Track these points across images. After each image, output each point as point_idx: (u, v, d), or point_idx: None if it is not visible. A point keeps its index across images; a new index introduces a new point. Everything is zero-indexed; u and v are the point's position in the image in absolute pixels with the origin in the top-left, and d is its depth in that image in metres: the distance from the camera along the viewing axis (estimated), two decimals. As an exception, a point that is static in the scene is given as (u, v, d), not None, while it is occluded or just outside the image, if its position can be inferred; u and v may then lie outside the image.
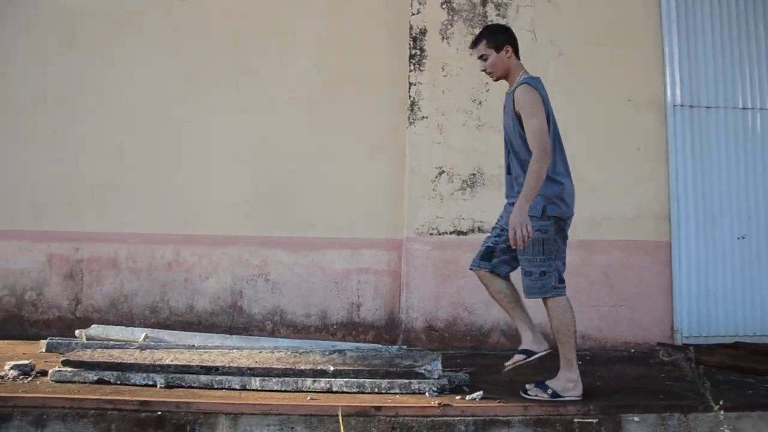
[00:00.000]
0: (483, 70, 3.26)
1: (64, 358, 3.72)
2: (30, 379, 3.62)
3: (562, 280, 3.16)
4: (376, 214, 5.61)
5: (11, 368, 3.71)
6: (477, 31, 5.48)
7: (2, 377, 3.65)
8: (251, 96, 5.75)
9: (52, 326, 5.53)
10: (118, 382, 3.62)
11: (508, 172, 3.28)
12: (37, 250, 5.62)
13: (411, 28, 5.70)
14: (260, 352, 3.91)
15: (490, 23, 3.22)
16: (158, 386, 3.57)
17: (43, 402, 3.27)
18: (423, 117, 5.58)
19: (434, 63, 5.65)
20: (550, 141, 3.04)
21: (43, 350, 3.79)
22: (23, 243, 5.63)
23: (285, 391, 3.58)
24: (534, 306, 3.33)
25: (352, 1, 5.90)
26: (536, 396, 3.23)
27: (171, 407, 3.32)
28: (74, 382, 3.62)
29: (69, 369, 3.69)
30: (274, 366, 3.69)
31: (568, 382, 3.18)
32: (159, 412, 3.29)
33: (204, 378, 3.66)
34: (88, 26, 5.89)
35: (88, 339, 3.97)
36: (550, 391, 3.20)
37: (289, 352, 3.89)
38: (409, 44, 5.67)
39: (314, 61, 5.80)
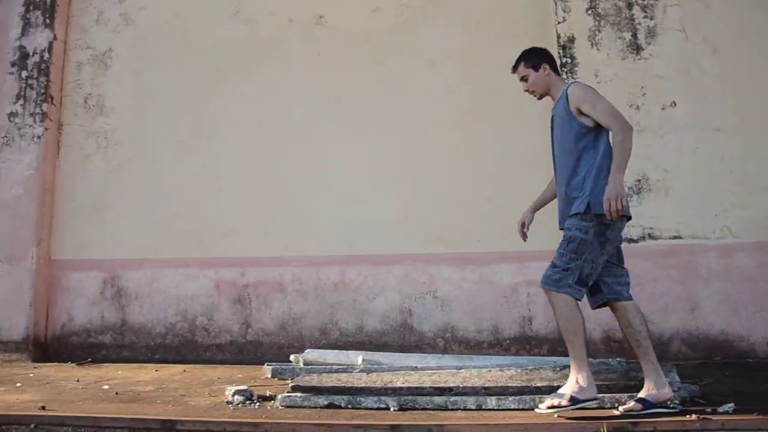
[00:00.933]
0: (526, 90, 3.42)
1: (293, 384, 3.76)
2: (257, 404, 3.66)
3: (580, 281, 3.09)
4: (539, 225, 5.56)
5: (234, 394, 3.77)
6: (625, 35, 5.50)
7: (229, 403, 3.71)
8: (398, 115, 5.78)
9: (225, 350, 5.63)
10: (350, 406, 3.63)
11: (559, 188, 3.34)
12: (204, 276, 5.73)
13: (558, 36, 5.67)
14: (489, 371, 3.90)
15: (533, 47, 3.57)
16: (391, 409, 3.57)
17: (292, 428, 3.31)
18: (580, 126, 5.52)
19: (586, 70, 5.60)
20: (604, 148, 3.15)
21: (268, 376, 3.85)
22: (191, 270, 5.76)
23: (522, 409, 3.54)
24: None
25: (493, 15, 5.90)
26: (556, 407, 3.08)
27: (422, 430, 3.32)
28: (304, 407, 3.64)
29: (299, 394, 3.73)
30: (508, 384, 3.67)
31: (577, 384, 3.09)
32: (411, 436, 3.29)
33: (438, 399, 3.65)
34: (234, 55, 6.03)
35: (305, 364, 4.03)
36: (566, 398, 3.08)
37: (518, 370, 3.87)
38: (558, 53, 5.64)
39: (459, 78, 5.81)
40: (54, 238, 6.00)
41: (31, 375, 4.85)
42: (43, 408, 3.49)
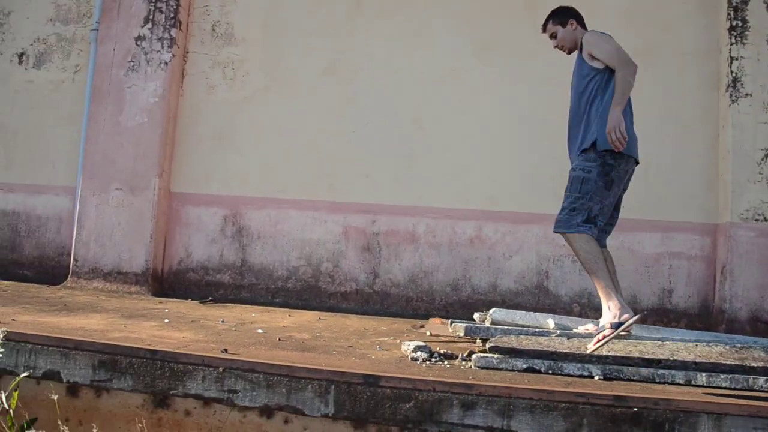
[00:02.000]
0: (556, 47, 3.55)
1: (491, 344, 3.53)
2: (445, 363, 3.43)
3: (589, 221, 3.18)
4: (689, 197, 5.29)
5: (415, 350, 3.54)
6: (807, -5, 5.11)
7: (414, 359, 3.48)
8: (550, 66, 5.43)
9: (350, 299, 5.42)
10: (550, 372, 3.40)
11: (571, 129, 3.45)
12: (332, 221, 5.50)
13: (729, -4, 5.30)
14: (696, 345, 3.65)
15: (561, 5, 3.60)
16: (595, 377, 3.35)
17: (508, 392, 3.08)
18: (746, 94, 5.19)
19: (758, 35, 5.24)
20: (612, 91, 3.22)
21: (461, 334, 3.61)
22: (318, 214, 5.52)
23: (734, 388, 3.31)
24: None
25: (656, -31, 5.51)
26: (602, 340, 3.06)
27: (648, 404, 3.08)
28: (501, 369, 3.42)
29: (495, 355, 3.51)
30: (719, 361, 3.42)
31: (615, 311, 3.14)
32: (635, 409, 3.07)
33: (644, 371, 3.41)
34: (374, -8, 5.70)
35: (492, 323, 3.79)
36: (607, 328, 3.11)
37: (727, 347, 3.62)
38: (728, 15, 5.27)
39: (617, 34, 5.43)
40: (174, 170, 5.77)
41: (167, 310, 4.65)
42: (226, 351, 3.28)
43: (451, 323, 3.75)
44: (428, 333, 4.28)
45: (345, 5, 5.68)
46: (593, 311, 5.20)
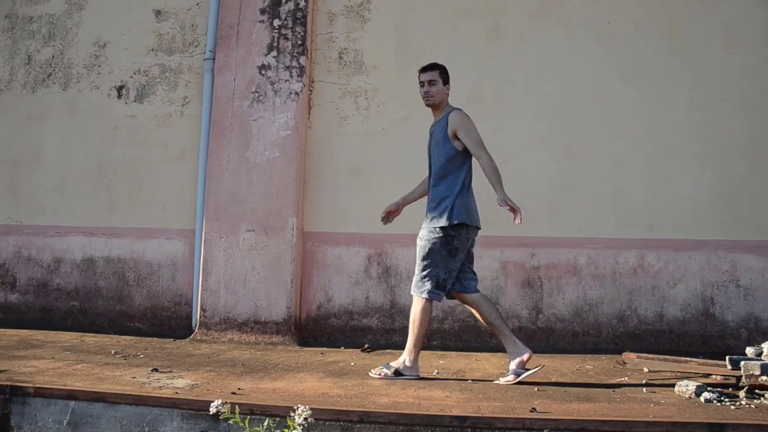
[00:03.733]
0: (425, 92, 3.75)
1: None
2: (742, 402, 3.22)
3: (439, 287, 3.61)
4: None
5: (698, 390, 3.32)
6: None
7: (708, 400, 3.24)
8: (694, 92, 5.39)
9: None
10: None
11: (429, 189, 3.78)
12: (488, 256, 5.21)
13: None
14: None
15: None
16: None
17: None
18: None
19: None
20: (467, 171, 3.70)
21: (756, 372, 3.39)
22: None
23: None
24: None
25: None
26: (380, 374, 3.65)
27: None
28: None
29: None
30: None
31: (406, 364, 3.66)
32: None
33: None
34: (511, 16, 5.51)
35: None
36: (392, 370, 3.65)
37: None
38: None
39: (763, 55, 5.45)
40: (307, 208, 5.36)
41: (352, 364, 4.26)
42: (534, 410, 2.98)
43: (730, 359, 3.55)
44: (646, 370, 4.06)
45: (483, 29, 5.47)
46: (761, 335, 5.08)
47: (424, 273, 3.60)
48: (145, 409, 3.12)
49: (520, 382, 3.53)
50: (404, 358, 3.68)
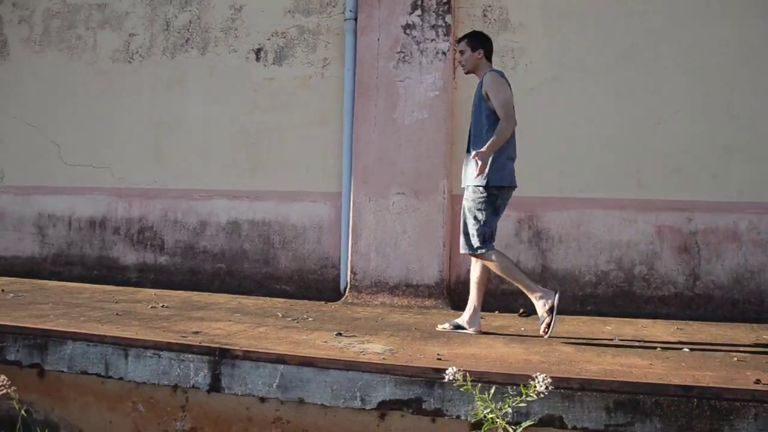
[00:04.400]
0: (459, 62, 4.05)
1: None
2: None
3: (485, 241, 3.79)
4: None
5: None
6: None
7: None
8: None
9: (669, 304, 5.01)
10: None
11: (468, 149, 3.89)
12: (642, 221, 5.07)
13: None
14: None
15: (478, 32, 4.04)
16: None
17: None
18: None
19: None
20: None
21: None
22: (627, 213, 5.09)
23: None
24: None
25: None
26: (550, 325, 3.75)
27: None
28: None
29: None
30: None
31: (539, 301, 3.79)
32: None
33: None
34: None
35: None
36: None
37: None
38: None
39: None
40: (454, 170, 5.28)
41: (523, 329, 4.23)
42: (759, 381, 2.88)
43: None
44: None
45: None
46: None
47: (473, 231, 3.78)
48: (356, 374, 3.14)
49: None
50: (534, 300, 3.81)
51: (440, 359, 3.24)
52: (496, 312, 4.99)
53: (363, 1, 5.39)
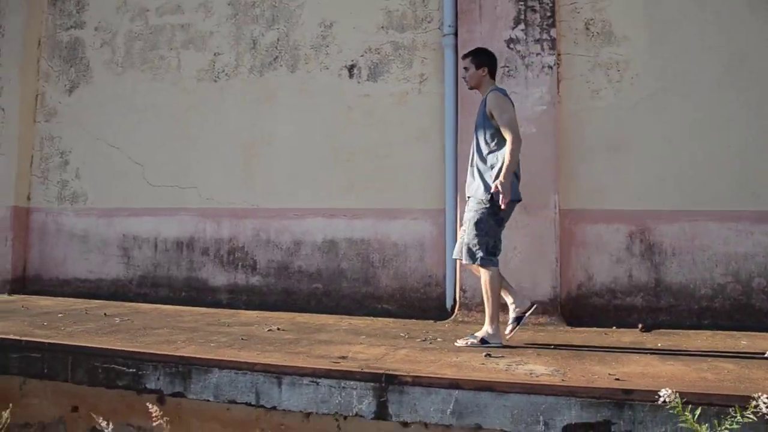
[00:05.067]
0: (463, 77, 4.11)
1: None
2: None
3: (489, 253, 3.84)
4: None
5: None
6: None
7: None
8: None
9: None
10: None
11: (471, 163, 4.00)
12: (760, 232, 4.98)
13: None
14: None
15: (484, 49, 4.16)
16: None
17: None
18: None
19: None
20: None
21: None
22: (742, 225, 5.00)
23: None
24: None
25: None
26: (467, 343, 3.91)
27: None
28: None
29: None
30: None
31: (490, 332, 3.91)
32: None
33: None
34: (767, -22, 5.18)
35: None
36: (479, 338, 3.90)
37: None
38: None
39: None
40: (562, 184, 5.21)
41: (660, 345, 4.11)
42: None
43: None
44: None
45: (744, -3, 5.16)
46: None
47: (475, 242, 3.82)
48: (539, 397, 3.02)
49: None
50: (486, 328, 3.90)
51: (618, 380, 3.12)
52: (614, 327, 4.87)
53: (463, 16, 5.34)
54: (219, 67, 6.05)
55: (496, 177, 3.75)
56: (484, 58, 4.03)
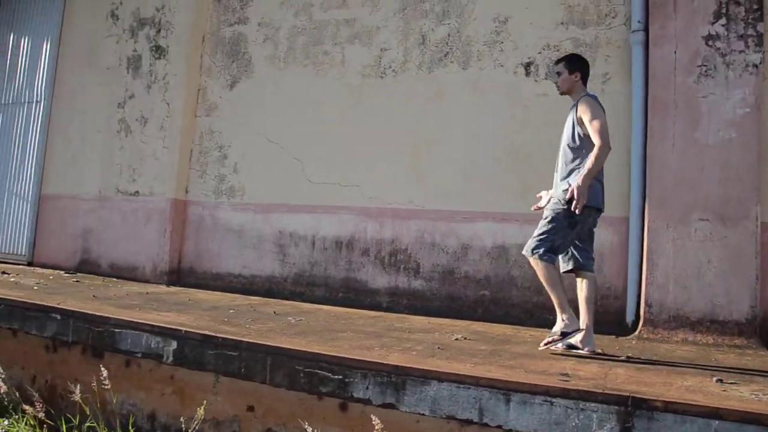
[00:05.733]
0: (555, 82, 4.06)
1: None
2: None
3: (552, 251, 3.80)
4: None
5: None
6: None
7: None
8: None
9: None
10: None
11: (556, 173, 3.96)
12: None
13: None
14: None
15: (578, 55, 4.07)
16: None
17: None
18: None
19: None
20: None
21: None
22: None
23: None
24: None
25: None
26: (548, 345, 3.85)
27: None
28: None
29: None
30: None
31: (563, 322, 3.84)
32: None
33: None
34: None
35: None
36: (558, 336, 3.85)
37: None
38: None
39: None
40: (764, 195, 4.77)
41: None
42: None
43: None
44: None
45: None
46: None
47: (542, 237, 3.80)
48: None
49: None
50: (559, 319, 3.83)
51: None
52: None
53: (655, 11, 4.99)
54: (385, 63, 5.94)
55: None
56: (577, 64, 3.99)
